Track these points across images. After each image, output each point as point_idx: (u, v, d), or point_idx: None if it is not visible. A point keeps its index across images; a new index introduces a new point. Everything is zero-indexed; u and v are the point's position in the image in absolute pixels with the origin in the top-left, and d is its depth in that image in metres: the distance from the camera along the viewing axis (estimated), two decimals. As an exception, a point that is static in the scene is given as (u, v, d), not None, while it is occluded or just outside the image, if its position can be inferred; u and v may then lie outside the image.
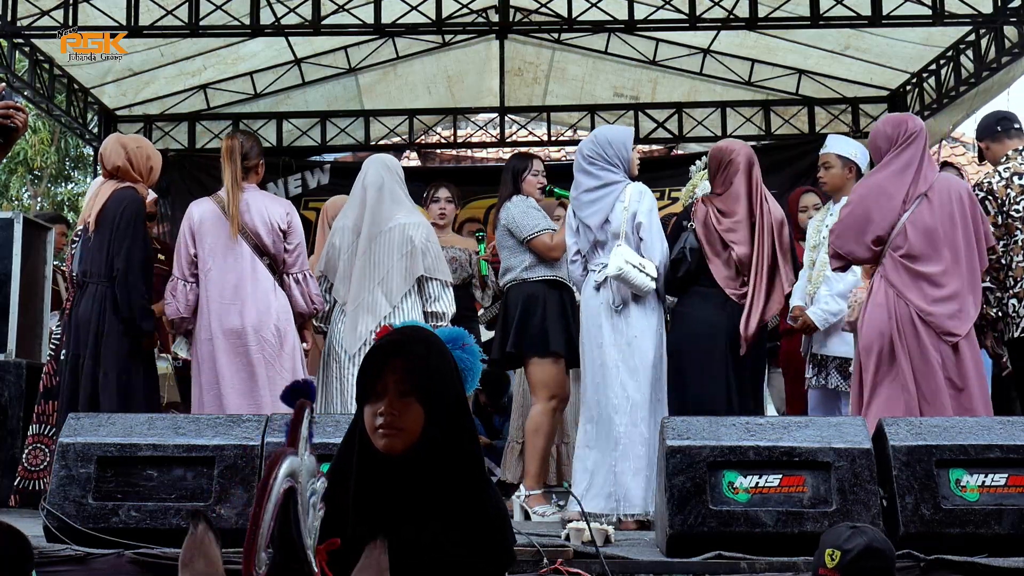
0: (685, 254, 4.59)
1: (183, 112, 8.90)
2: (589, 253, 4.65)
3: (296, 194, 8.83)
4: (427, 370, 2.12)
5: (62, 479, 3.54)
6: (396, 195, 4.79)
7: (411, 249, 4.65)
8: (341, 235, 4.79)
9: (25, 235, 5.40)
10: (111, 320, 4.57)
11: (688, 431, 3.54)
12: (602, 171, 4.65)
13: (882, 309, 4.19)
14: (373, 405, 2.11)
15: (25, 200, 15.78)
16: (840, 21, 6.87)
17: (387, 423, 2.08)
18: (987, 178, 4.82)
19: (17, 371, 5.17)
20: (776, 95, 8.83)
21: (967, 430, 3.56)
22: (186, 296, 4.69)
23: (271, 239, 4.65)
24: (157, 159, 4.96)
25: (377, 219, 4.71)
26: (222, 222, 4.66)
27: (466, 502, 2.10)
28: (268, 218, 4.66)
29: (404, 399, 2.09)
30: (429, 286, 4.69)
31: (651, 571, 3.42)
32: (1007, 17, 6.60)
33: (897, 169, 4.27)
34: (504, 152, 10.56)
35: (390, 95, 9.20)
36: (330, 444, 3.61)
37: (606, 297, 4.53)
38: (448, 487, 2.09)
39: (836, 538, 2.62)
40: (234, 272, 4.63)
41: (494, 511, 2.17)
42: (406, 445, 2.09)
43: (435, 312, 4.68)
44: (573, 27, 7.26)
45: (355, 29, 7.22)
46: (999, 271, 4.67)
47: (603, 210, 4.58)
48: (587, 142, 4.80)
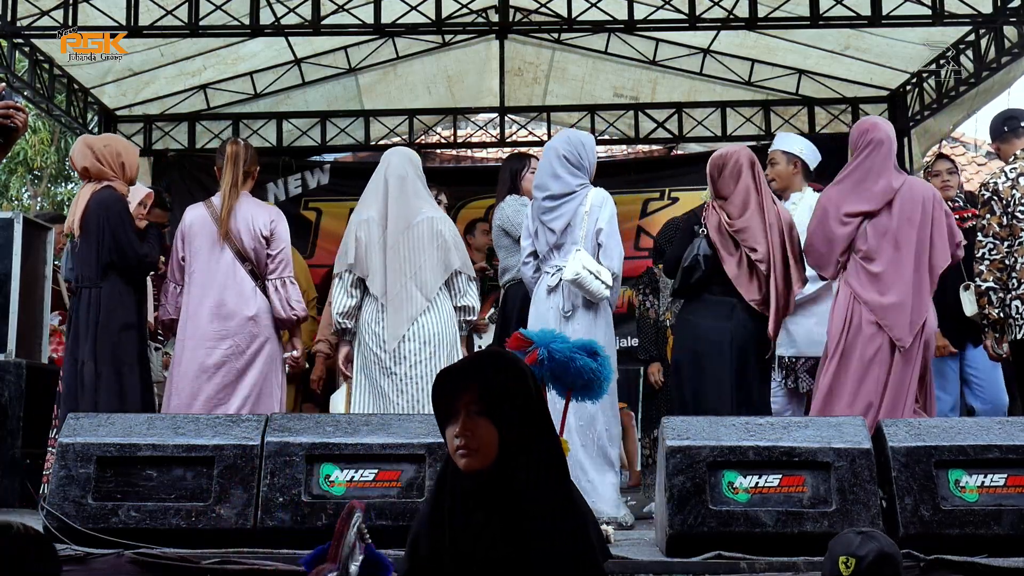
0: (699, 261, 4.56)
1: (183, 112, 8.89)
2: (545, 255, 4.64)
3: (296, 194, 8.83)
4: (497, 388, 2.20)
5: (62, 479, 3.54)
6: (418, 189, 4.72)
7: (442, 242, 4.58)
8: (367, 228, 4.62)
9: (25, 235, 5.41)
10: (106, 322, 4.64)
11: (688, 431, 3.55)
12: (572, 175, 4.66)
13: (842, 309, 4.39)
14: (451, 427, 2.20)
15: (25, 200, 15.78)
16: (840, 21, 6.87)
17: (463, 444, 2.17)
18: (993, 178, 4.82)
19: (17, 371, 5.18)
20: (776, 95, 8.82)
21: (966, 431, 3.57)
22: (176, 299, 4.81)
23: (253, 245, 4.72)
24: (128, 154, 4.98)
25: (404, 211, 4.61)
26: (209, 226, 4.75)
27: (543, 519, 2.16)
28: (252, 224, 4.72)
29: (476, 419, 2.17)
30: (457, 280, 4.62)
31: (651, 571, 3.42)
32: (1007, 17, 6.60)
33: (857, 179, 4.48)
34: (504, 152, 10.57)
35: (390, 95, 9.19)
36: (342, 444, 3.62)
37: (557, 301, 4.54)
38: (533, 499, 2.16)
39: (847, 545, 2.62)
40: (215, 275, 4.68)
41: (580, 519, 2.23)
42: (484, 464, 2.17)
43: (464, 306, 4.62)
44: (573, 27, 7.25)
45: (355, 29, 7.21)
46: (1002, 272, 4.66)
47: (567, 214, 4.59)
48: (562, 141, 4.77)
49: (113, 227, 4.71)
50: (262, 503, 3.52)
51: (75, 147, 4.97)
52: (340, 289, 4.62)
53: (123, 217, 4.77)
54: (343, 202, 8.51)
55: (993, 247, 4.69)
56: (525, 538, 2.12)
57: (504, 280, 5.23)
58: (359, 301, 4.60)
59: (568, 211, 4.59)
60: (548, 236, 4.62)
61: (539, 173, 4.78)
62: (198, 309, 4.68)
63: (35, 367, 5.29)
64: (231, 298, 4.67)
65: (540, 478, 2.19)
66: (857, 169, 4.51)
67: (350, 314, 4.59)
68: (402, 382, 4.43)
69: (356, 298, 4.60)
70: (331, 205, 8.77)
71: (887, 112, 8.64)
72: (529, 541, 2.12)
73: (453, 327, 4.57)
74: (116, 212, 4.75)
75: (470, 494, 2.18)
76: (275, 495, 3.53)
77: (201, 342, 4.64)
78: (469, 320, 4.66)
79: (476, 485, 2.17)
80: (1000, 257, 4.66)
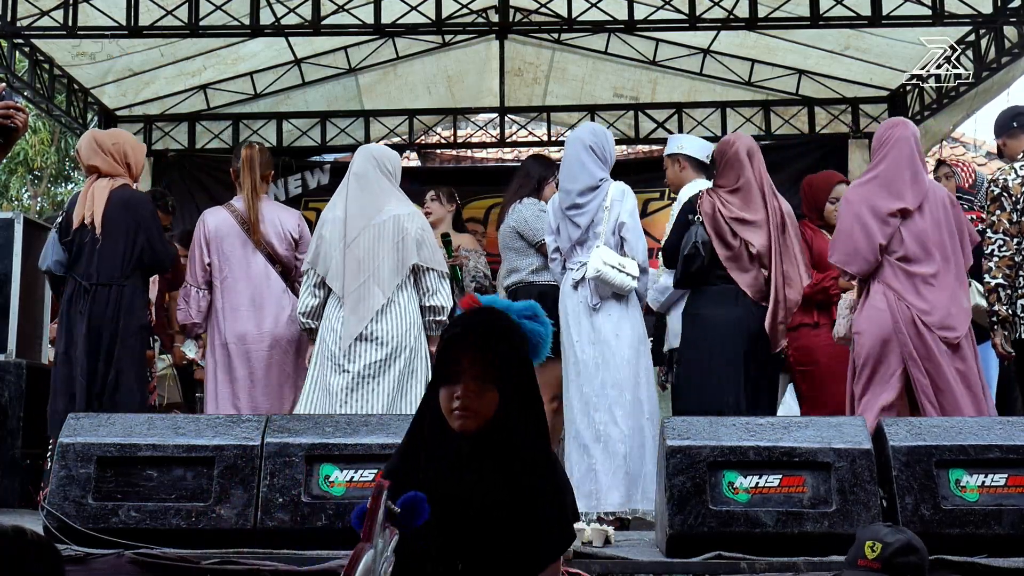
0: (698, 248, 4.55)
1: (183, 112, 8.89)
2: (568, 251, 4.63)
3: (296, 194, 8.83)
4: (503, 356, 2.24)
5: (62, 479, 3.54)
6: (383, 185, 4.63)
7: (403, 238, 4.49)
8: (332, 226, 4.60)
9: (25, 235, 5.40)
10: (127, 322, 4.66)
11: (688, 431, 3.54)
12: (597, 166, 4.64)
13: (883, 313, 4.27)
14: (450, 387, 2.22)
15: (25, 200, 15.79)
16: (840, 21, 6.86)
17: (463, 405, 2.19)
18: (1003, 175, 4.81)
19: (17, 371, 5.18)
20: (776, 95, 8.82)
21: (967, 430, 3.57)
22: (199, 303, 4.89)
23: (284, 248, 4.87)
24: (135, 152, 4.97)
25: (365, 210, 4.55)
26: (237, 231, 4.86)
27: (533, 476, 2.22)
28: (281, 228, 4.86)
29: (480, 383, 2.20)
30: (426, 278, 4.52)
31: (651, 571, 3.42)
32: (1007, 17, 6.60)
33: (888, 177, 4.40)
34: (504, 152, 10.57)
35: (390, 95, 9.19)
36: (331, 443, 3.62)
37: (584, 295, 4.53)
38: (517, 462, 2.21)
39: (876, 532, 2.70)
40: (250, 280, 4.81)
41: (561, 483, 2.31)
42: (479, 425, 2.20)
43: (433, 306, 4.52)
44: (573, 27, 7.25)
45: (355, 29, 7.21)
46: (1012, 269, 4.67)
47: (592, 211, 4.57)
48: (587, 133, 4.77)
49: (147, 228, 4.75)
50: (262, 503, 3.51)
51: (83, 142, 4.91)
52: (305, 288, 4.64)
53: (156, 218, 4.88)
54: (343, 202, 8.52)
55: (1003, 244, 4.69)
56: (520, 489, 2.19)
57: (510, 281, 5.22)
58: (323, 300, 4.59)
59: (593, 207, 4.58)
60: (572, 231, 4.59)
61: (565, 166, 4.73)
62: (235, 314, 4.80)
63: (35, 367, 5.29)
64: (268, 300, 4.82)
65: (532, 441, 2.25)
66: (886, 167, 4.42)
67: (312, 313, 4.60)
68: (354, 380, 4.37)
69: (319, 298, 4.59)
70: (331, 206, 8.76)
71: (887, 112, 8.64)
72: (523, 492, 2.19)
73: (417, 329, 4.48)
74: (149, 213, 4.82)
75: (463, 452, 2.21)
76: (275, 495, 3.53)
77: (241, 347, 4.79)
78: (439, 320, 4.52)
79: (471, 445, 2.21)
80: (1010, 254, 4.67)
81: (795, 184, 7.90)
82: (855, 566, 2.65)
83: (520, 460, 2.21)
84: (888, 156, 4.43)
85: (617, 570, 3.40)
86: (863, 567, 2.62)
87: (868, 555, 2.62)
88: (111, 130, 5.52)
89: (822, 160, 8.15)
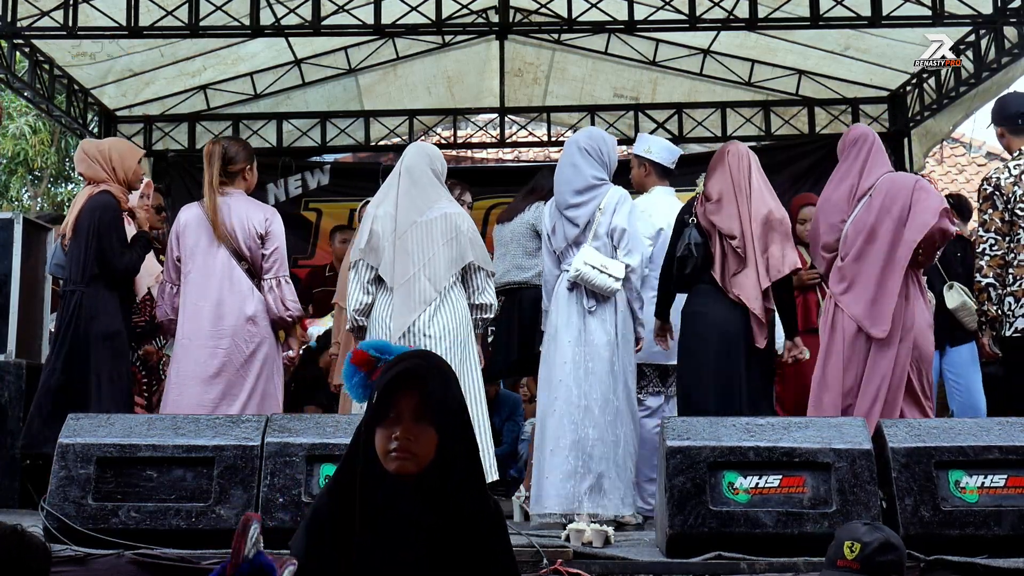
0: (691, 250, 4.57)
1: (183, 113, 8.90)
2: (563, 252, 4.63)
3: (296, 195, 8.84)
4: (443, 399, 2.18)
5: (62, 480, 3.54)
6: (433, 182, 4.63)
7: (456, 236, 4.48)
8: (383, 222, 4.53)
9: (25, 235, 5.40)
10: (87, 328, 4.68)
11: (688, 431, 3.55)
12: (591, 167, 4.61)
13: (826, 315, 4.49)
14: (387, 429, 2.15)
15: (25, 200, 15.78)
16: (840, 21, 6.87)
17: (402, 447, 2.13)
18: (996, 173, 4.79)
19: (17, 371, 5.18)
20: (776, 95, 8.83)
21: (966, 431, 3.57)
22: (171, 299, 4.78)
23: (248, 244, 4.67)
24: (121, 156, 4.97)
25: (416, 204, 4.53)
26: (203, 226, 4.71)
27: (470, 519, 2.17)
28: (247, 223, 4.68)
29: (419, 424, 2.14)
30: (477, 277, 4.52)
31: (651, 571, 3.42)
32: (1007, 17, 6.60)
33: (839, 178, 4.56)
34: (504, 153, 10.57)
35: (390, 95, 9.19)
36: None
37: (578, 298, 4.53)
38: (454, 507, 2.15)
39: (853, 532, 2.70)
40: (211, 275, 4.65)
41: (496, 527, 2.24)
42: (418, 469, 2.14)
43: (481, 304, 4.52)
44: (573, 28, 7.25)
45: (355, 29, 7.21)
46: (1002, 268, 4.65)
47: (588, 212, 4.57)
48: (583, 137, 4.75)
49: (100, 234, 4.72)
50: (262, 503, 3.52)
51: (76, 152, 5.06)
52: (356, 284, 4.53)
53: (113, 225, 4.77)
54: (343, 203, 8.52)
55: (995, 243, 4.66)
56: (452, 536, 2.14)
57: (509, 278, 5.21)
58: (374, 298, 4.51)
59: (591, 208, 4.56)
60: (568, 230, 4.58)
61: (558, 167, 4.73)
62: (196, 308, 4.64)
63: (35, 367, 5.28)
64: (228, 297, 4.63)
65: (469, 483, 2.20)
66: (838, 171, 4.61)
67: (365, 311, 4.51)
68: None
69: (372, 295, 4.51)
70: (331, 206, 8.77)
71: (887, 112, 8.65)
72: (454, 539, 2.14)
73: (466, 326, 4.48)
74: (107, 219, 4.76)
75: (399, 494, 2.16)
76: (275, 495, 3.53)
77: (202, 342, 4.60)
78: (486, 318, 4.58)
79: (398, 486, 2.15)
80: (1001, 253, 4.64)
81: (795, 185, 7.93)
82: (835, 566, 2.66)
83: (457, 504, 2.15)
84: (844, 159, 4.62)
85: (617, 570, 3.40)
86: (843, 567, 2.64)
87: (847, 555, 2.63)
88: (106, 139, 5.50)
89: (822, 160, 8.15)
